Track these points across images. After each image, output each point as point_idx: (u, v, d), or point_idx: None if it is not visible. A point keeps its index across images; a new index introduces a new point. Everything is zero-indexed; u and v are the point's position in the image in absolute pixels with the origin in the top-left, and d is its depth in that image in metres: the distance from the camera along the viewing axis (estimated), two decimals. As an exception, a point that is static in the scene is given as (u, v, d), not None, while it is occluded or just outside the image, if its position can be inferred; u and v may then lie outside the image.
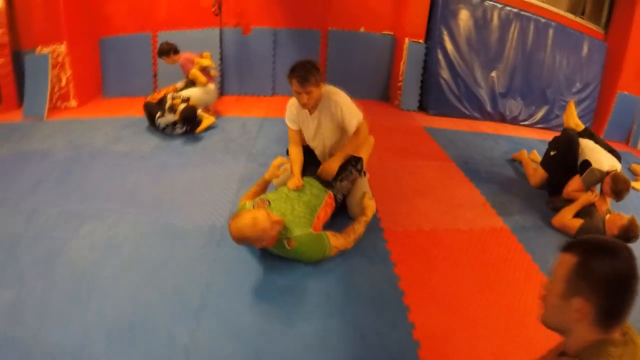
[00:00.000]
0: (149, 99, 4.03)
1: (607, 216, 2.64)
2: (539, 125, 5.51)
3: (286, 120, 2.58)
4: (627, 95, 5.73)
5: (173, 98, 3.91)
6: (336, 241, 2.10)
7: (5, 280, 1.97)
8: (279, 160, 2.46)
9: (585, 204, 2.79)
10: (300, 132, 2.59)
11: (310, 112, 2.46)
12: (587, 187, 2.94)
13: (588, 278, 0.88)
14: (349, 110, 2.40)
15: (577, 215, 2.75)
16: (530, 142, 4.54)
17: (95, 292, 1.89)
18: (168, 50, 4.17)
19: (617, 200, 2.81)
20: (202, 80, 4.14)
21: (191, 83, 4.20)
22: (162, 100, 3.94)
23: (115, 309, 1.79)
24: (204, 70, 4.24)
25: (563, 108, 5.54)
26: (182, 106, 3.81)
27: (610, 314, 0.89)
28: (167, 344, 1.61)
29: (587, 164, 2.99)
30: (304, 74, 2.22)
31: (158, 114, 3.80)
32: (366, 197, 2.47)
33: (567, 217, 2.74)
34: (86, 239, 2.29)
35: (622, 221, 2.49)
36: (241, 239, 1.85)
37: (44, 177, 3.06)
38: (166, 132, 3.84)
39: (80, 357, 1.54)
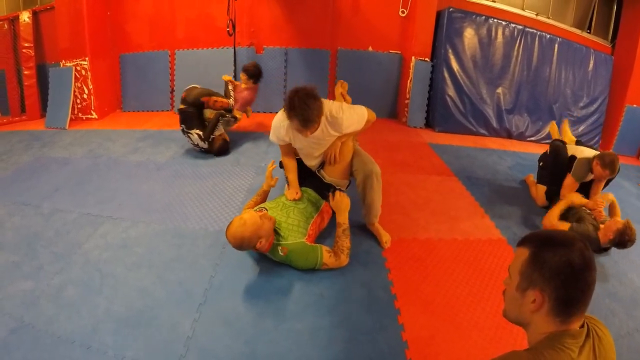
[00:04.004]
0: (193, 97, 3.69)
1: (603, 225, 2.64)
2: (546, 141, 5.46)
3: (273, 139, 2.41)
4: (635, 109, 5.74)
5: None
6: (328, 259, 2.14)
7: (25, 271, 2.15)
8: (269, 169, 2.51)
9: (569, 203, 2.88)
10: (289, 145, 2.46)
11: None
12: (578, 178, 3.02)
13: (540, 269, 0.90)
14: (358, 115, 2.32)
15: (569, 220, 2.82)
16: (536, 158, 4.56)
17: (107, 285, 2.05)
18: (255, 76, 4.04)
19: (612, 175, 2.88)
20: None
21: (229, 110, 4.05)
22: (202, 116, 3.78)
23: (125, 300, 1.95)
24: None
25: (570, 124, 5.57)
26: (218, 142, 3.80)
27: (566, 304, 0.89)
28: (170, 333, 1.75)
29: (573, 159, 3.10)
30: (307, 114, 1.99)
31: (196, 131, 3.69)
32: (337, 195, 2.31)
33: (554, 216, 2.80)
34: (101, 239, 2.46)
35: (617, 225, 2.50)
36: (240, 242, 1.92)
37: (63, 182, 3.27)
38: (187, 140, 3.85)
39: (90, 342, 1.69)
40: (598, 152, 3.02)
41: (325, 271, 2.17)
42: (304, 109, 1.98)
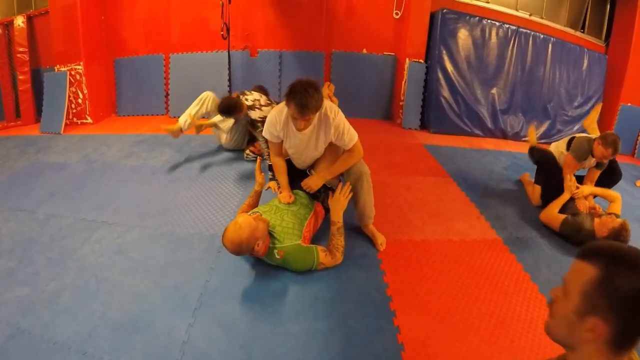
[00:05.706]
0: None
1: (599, 219, 2.64)
2: (542, 141, 5.51)
3: (266, 134, 2.41)
4: (630, 107, 5.77)
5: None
6: (325, 258, 2.16)
7: (20, 277, 2.15)
8: (257, 168, 2.50)
9: (568, 196, 2.91)
10: (281, 144, 2.45)
11: (301, 131, 2.24)
12: (578, 156, 3.00)
13: (610, 297, 0.76)
14: (348, 131, 2.28)
15: (564, 212, 2.84)
16: (531, 158, 4.61)
17: (103, 290, 2.05)
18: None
19: (614, 153, 2.85)
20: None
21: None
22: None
23: (121, 306, 1.95)
24: None
25: (565, 123, 5.66)
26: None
27: (627, 338, 0.78)
28: (166, 338, 1.75)
29: (572, 139, 3.13)
30: (305, 100, 2.00)
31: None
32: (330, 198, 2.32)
33: (553, 212, 2.81)
34: (97, 244, 2.46)
35: (613, 224, 2.49)
36: (238, 246, 1.91)
37: (58, 187, 3.27)
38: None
39: (86, 348, 1.69)
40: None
41: (320, 274, 2.17)
42: (303, 94, 2.01)
